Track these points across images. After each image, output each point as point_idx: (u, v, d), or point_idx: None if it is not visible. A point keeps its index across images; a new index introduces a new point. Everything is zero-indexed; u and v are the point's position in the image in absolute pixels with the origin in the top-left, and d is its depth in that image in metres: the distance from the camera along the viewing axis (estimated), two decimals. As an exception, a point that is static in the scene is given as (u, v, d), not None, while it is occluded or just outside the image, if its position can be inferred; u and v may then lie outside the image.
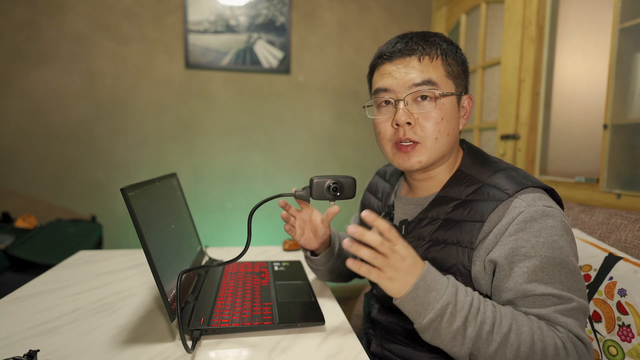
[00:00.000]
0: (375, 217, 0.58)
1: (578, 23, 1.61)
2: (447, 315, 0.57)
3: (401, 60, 0.71)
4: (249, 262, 1.06)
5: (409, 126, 0.71)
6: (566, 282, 0.61)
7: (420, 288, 0.57)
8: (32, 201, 2.18)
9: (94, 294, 0.88)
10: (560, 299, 0.60)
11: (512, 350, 0.56)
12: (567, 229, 0.65)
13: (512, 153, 1.84)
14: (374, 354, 0.85)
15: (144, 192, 0.70)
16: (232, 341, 0.68)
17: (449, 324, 0.57)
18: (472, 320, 0.57)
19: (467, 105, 0.76)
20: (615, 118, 1.36)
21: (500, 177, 0.70)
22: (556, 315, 0.59)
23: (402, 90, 0.71)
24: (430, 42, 0.72)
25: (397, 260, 0.56)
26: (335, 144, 2.54)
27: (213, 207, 2.42)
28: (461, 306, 0.57)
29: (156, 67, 2.28)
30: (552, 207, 0.65)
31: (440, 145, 0.72)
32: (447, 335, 0.57)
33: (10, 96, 2.13)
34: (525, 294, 0.61)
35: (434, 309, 0.57)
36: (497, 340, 0.57)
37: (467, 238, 0.67)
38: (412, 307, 0.58)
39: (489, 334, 0.57)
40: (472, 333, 0.57)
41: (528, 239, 0.62)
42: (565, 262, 0.62)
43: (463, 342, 0.57)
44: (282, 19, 2.38)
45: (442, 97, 0.70)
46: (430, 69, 0.70)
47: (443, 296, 0.57)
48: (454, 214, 0.71)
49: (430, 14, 2.60)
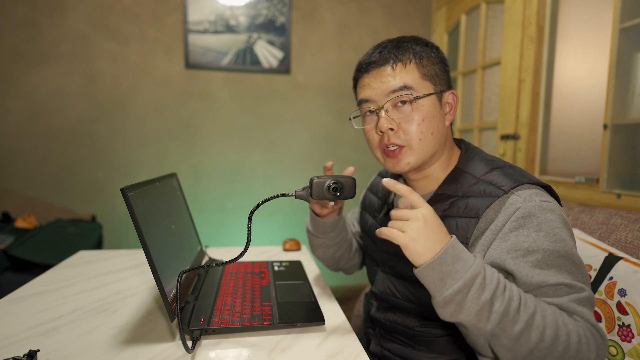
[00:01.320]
0: (395, 182, 0.60)
1: (578, 23, 1.61)
2: (475, 285, 0.54)
3: (377, 70, 0.74)
4: (249, 262, 1.06)
5: (392, 132, 0.73)
6: (574, 273, 0.60)
7: (448, 254, 0.55)
8: (32, 201, 2.18)
9: (94, 294, 0.88)
10: (573, 289, 0.59)
11: (538, 333, 0.53)
12: (566, 223, 0.65)
13: (512, 153, 1.84)
14: (373, 354, 0.85)
15: (144, 192, 0.70)
16: (232, 341, 0.68)
17: (477, 296, 0.54)
18: (499, 295, 0.54)
19: (452, 101, 0.77)
20: (615, 118, 1.36)
21: (497, 174, 0.71)
22: (572, 304, 0.58)
23: (381, 99, 0.73)
24: (403, 48, 0.74)
25: (419, 221, 0.56)
26: (335, 144, 2.54)
27: (213, 207, 2.42)
28: (490, 279, 0.55)
29: (156, 67, 2.28)
30: (549, 202, 0.65)
31: (426, 144, 0.73)
32: (473, 309, 0.54)
33: (10, 96, 2.13)
34: (539, 285, 0.59)
35: (462, 278, 0.54)
36: (523, 320, 0.53)
37: (463, 234, 0.68)
38: (436, 276, 0.55)
39: (516, 312, 0.54)
40: (500, 308, 0.54)
41: (529, 234, 0.62)
42: (569, 254, 0.61)
43: (489, 318, 0.54)
44: (282, 19, 2.38)
45: (419, 99, 0.72)
46: (404, 73, 0.72)
47: (472, 266, 0.55)
48: (450, 211, 0.72)
49: (430, 14, 2.60)
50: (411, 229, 0.56)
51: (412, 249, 0.56)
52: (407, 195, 0.58)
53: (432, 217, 0.57)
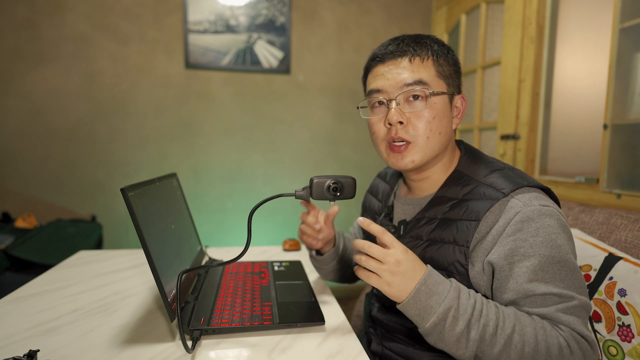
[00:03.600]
0: (370, 223, 0.61)
1: (578, 23, 1.61)
2: (449, 318, 0.57)
3: (393, 61, 0.73)
4: (249, 262, 1.06)
5: (401, 125, 0.72)
6: (566, 280, 0.61)
7: (421, 292, 0.58)
8: (32, 201, 2.18)
9: (94, 294, 0.88)
10: (562, 298, 0.60)
11: (517, 351, 0.57)
12: (564, 227, 0.65)
13: (512, 153, 1.84)
14: (374, 353, 0.85)
15: (144, 192, 0.70)
16: (232, 341, 0.68)
17: (452, 328, 0.57)
18: (475, 323, 0.58)
19: (461, 105, 0.77)
20: (615, 118, 1.36)
21: (496, 176, 0.71)
22: (558, 314, 0.60)
23: (393, 91, 0.72)
24: (422, 43, 0.73)
25: (392, 265, 0.59)
26: (335, 144, 2.54)
27: (213, 207, 2.42)
28: (464, 309, 0.58)
29: (156, 67, 2.28)
30: (548, 206, 0.65)
31: (432, 144, 0.73)
32: (450, 339, 0.58)
33: (10, 96, 2.13)
34: (527, 294, 0.61)
35: (436, 313, 0.57)
36: (500, 342, 0.57)
37: (463, 237, 0.68)
38: (414, 312, 0.59)
39: (493, 336, 0.57)
40: (476, 336, 0.57)
41: (526, 239, 0.63)
42: (564, 260, 0.62)
43: (467, 345, 0.58)
44: (282, 19, 2.38)
45: (433, 96, 0.71)
46: (421, 69, 0.72)
47: (445, 300, 0.58)
48: (450, 214, 0.72)
49: (430, 14, 2.60)
50: (386, 272, 0.59)
51: (389, 293, 0.60)
52: (380, 236, 0.61)
53: (405, 258, 0.60)
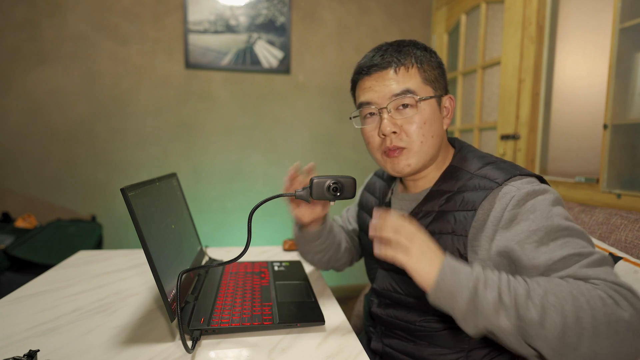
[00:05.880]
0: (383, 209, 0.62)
1: (578, 23, 1.61)
2: (480, 289, 0.54)
3: (379, 73, 0.75)
4: (249, 262, 1.06)
5: (395, 134, 0.74)
6: (579, 241, 0.61)
7: (446, 271, 0.56)
8: (32, 201, 2.18)
9: (94, 294, 0.88)
10: (581, 256, 0.59)
11: (557, 311, 0.52)
12: (559, 201, 0.66)
13: (512, 153, 1.84)
14: (374, 351, 0.85)
15: (144, 192, 0.70)
16: (232, 341, 0.68)
17: (484, 296, 0.54)
18: (505, 291, 0.54)
19: (449, 105, 0.79)
20: (615, 118, 1.36)
21: (490, 168, 0.73)
22: (584, 270, 0.57)
23: (383, 102, 0.74)
24: (404, 52, 0.74)
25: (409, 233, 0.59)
26: (335, 144, 2.54)
27: (213, 207, 2.42)
28: (491, 279, 0.56)
29: (156, 67, 2.28)
30: (541, 187, 0.67)
31: (427, 147, 0.75)
32: (489, 310, 0.54)
33: (10, 96, 2.13)
34: (547, 264, 0.59)
35: (467, 287, 0.55)
36: (537, 304, 0.53)
37: (461, 227, 0.69)
38: (446, 293, 0.56)
39: (526, 299, 0.53)
40: (511, 301, 0.53)
41: (527, 217, 0.63)
42: (569, 226, 0.62)
43: (506, 314, 0.53)
44: (282, 19, 2.38)
45: (421, 102, 0.73)
46: (407, 78, 0.73)
47: (472, 273, 0.56)
48: (446, 206, 0.73)
49: (430, 14, 2.60)
50: (403, 241, 0.59)
51: (417, 269, 0.58)
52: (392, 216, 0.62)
53: (420, 234, 0.60)
